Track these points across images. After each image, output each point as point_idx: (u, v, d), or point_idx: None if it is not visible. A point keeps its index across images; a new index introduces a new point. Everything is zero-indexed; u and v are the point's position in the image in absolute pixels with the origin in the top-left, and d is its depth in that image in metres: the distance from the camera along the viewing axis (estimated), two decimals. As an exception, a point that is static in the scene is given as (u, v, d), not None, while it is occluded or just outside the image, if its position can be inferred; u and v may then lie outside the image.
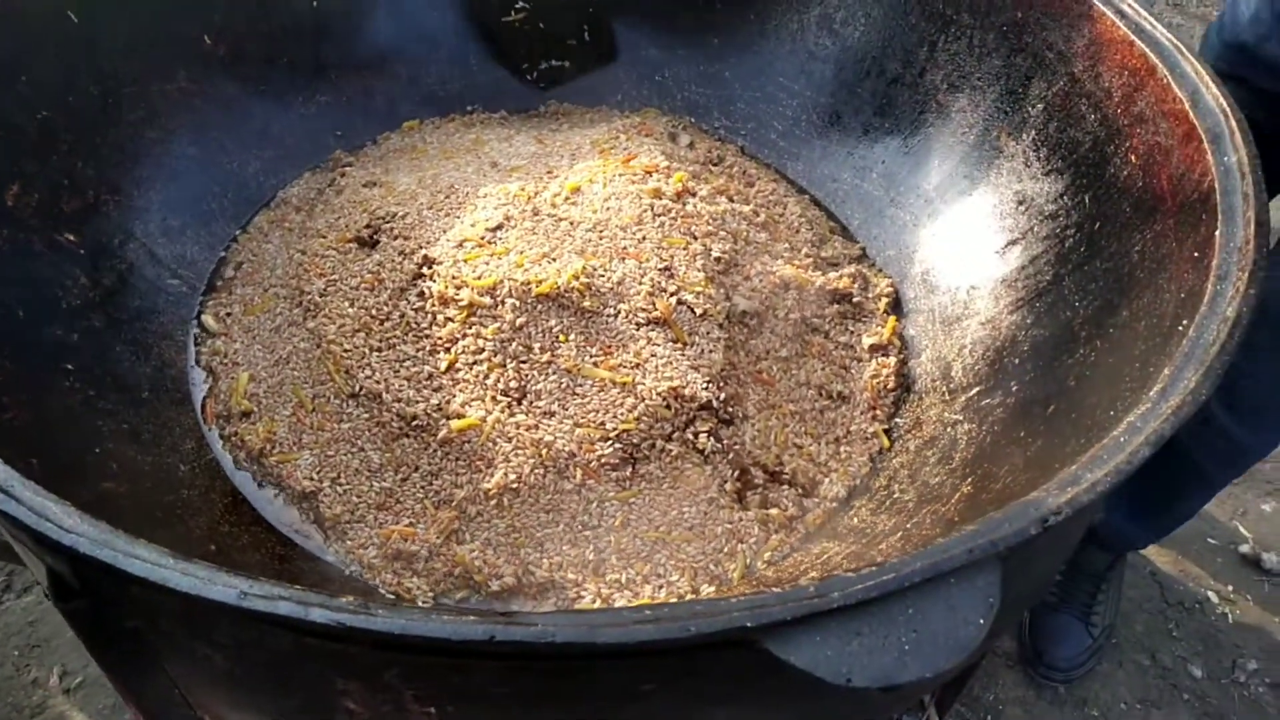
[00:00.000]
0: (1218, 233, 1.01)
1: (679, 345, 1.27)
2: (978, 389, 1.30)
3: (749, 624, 0.65)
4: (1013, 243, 1.39)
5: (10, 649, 1.81)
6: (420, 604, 1.13)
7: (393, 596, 1.14)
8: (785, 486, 1.25)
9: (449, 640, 0.64)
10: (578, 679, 0.74)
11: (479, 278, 1.27)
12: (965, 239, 1.47)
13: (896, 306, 1.50)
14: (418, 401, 1.22)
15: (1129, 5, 1.29)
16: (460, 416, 1.20)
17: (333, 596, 0.66)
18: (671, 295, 1.29)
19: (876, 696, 0.68)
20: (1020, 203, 1.39)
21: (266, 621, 0.66)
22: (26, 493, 0.73)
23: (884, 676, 0.65)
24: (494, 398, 1.22)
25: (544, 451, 1.18)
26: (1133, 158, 1.22)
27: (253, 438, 1.25)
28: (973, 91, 1.49)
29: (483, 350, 1.24)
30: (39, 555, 0.77)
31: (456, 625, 0.64)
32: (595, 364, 1.24)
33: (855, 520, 1.21)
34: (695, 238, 1.37)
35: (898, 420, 1.36)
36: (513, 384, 1.23)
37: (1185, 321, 0.94)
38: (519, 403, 1.22)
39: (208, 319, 1.39)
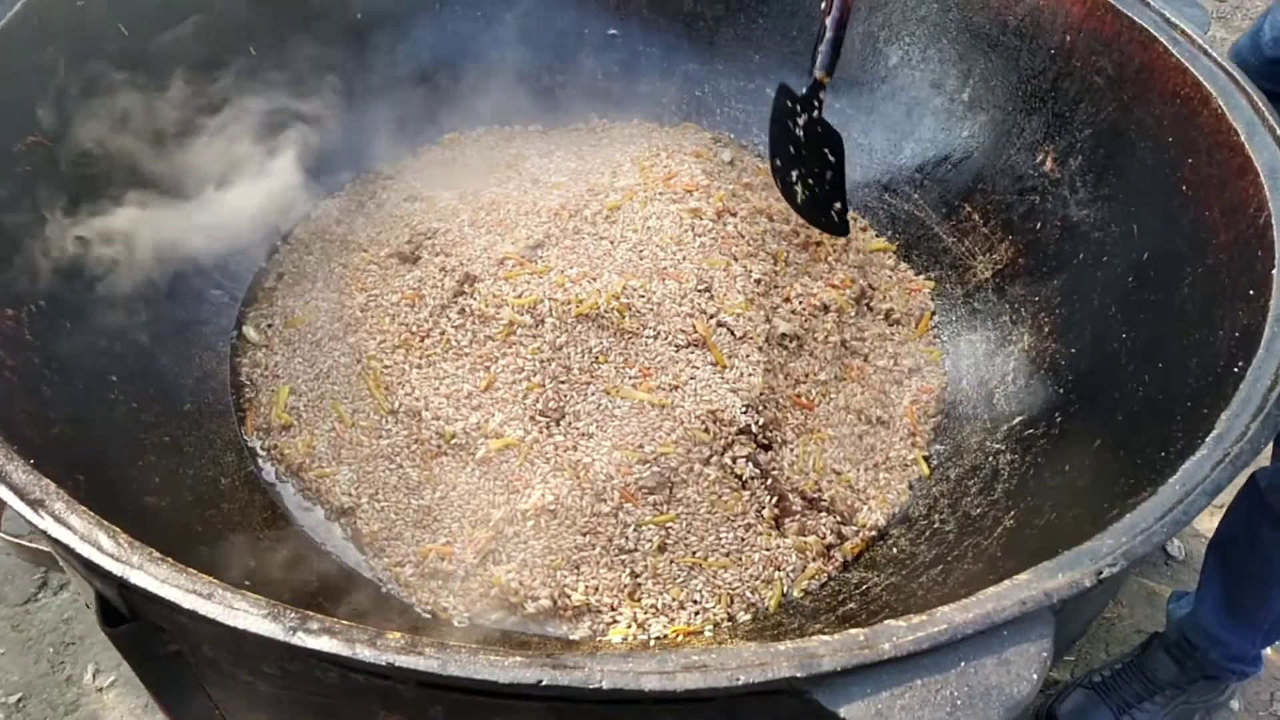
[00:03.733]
0: (1275, 270, 0.99)
1: (718, 368, 1.26)
2: (1020, 418, 1.28)
3: (798, 674, 0.65)
4: (1057, 269, 1.37)
5: (45, 646, 1.83)
6: (456, 624, 1.13)
7: (429, 615, 1.14)
8: (823, 514, 1.24)
9: (497, 683, 0.64)
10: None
11: (519, 296, 1.27)
12: (1009, 264, 1.45)
13: (938, 330, 1.49)
14: (457, 420, 1.22)
15: (1182, 32, 1.26)
16: (499, 436, 1.20)
17: (380, 633, 0.66)
18: (711, 317, 1.29)
19: (925, 750, 0.67)
20: (1065, 229, 1.37)
21: (314, 658, 0.66)
22: (78, 520, 0.74)
23: (935, 731, 0.64)
24: (533, 417, 1.22)
25: (582, 473, 1.18)
26: (1184, 188, 1.20)
27: (292, 451, 1.25)
28: (1018, 115, 1.47)
29: (522, 369, 1.24)
30: (88, 580, 0.78)
31: (505, 668, 0.64)
32: (634, 385, 1.24)
33: (894, 550, 1.20)
34: (735, 259, 1.36)
35: (938, 447, 1.35)
36: (551, 404, 1.23)
37: (1241, 363, 0.92)
38: (557, 423, 1.22)
39: (249, 330, 1.40)
